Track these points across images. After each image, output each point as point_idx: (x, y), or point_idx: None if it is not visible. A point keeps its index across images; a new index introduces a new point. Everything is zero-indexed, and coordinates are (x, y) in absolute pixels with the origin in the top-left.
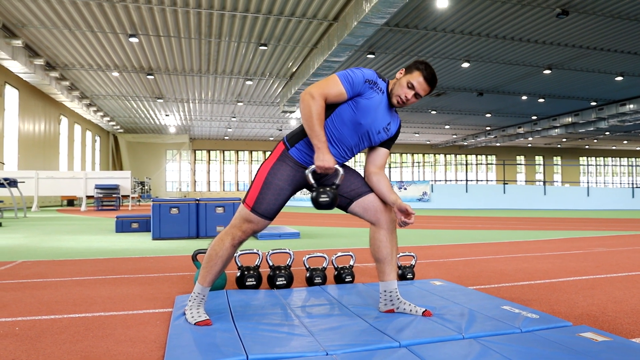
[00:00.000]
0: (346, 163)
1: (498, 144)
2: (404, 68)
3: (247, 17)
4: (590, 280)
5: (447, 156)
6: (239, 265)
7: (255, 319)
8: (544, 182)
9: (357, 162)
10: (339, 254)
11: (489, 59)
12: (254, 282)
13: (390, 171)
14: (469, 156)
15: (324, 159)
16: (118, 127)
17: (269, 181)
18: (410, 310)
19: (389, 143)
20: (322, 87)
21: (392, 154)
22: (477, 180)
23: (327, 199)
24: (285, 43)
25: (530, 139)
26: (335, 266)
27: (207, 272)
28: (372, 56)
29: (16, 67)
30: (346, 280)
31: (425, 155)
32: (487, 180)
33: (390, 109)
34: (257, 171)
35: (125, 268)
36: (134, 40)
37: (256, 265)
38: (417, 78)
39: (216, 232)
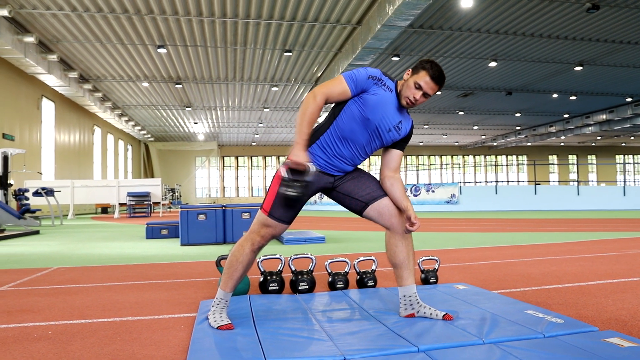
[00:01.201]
0: (360, 167)
1: (529, 144)
2: (410, 69)
3: (272, 24)
4: (622, 283)
5: (477, 157)
6: (262, 270)
7: (276, 323)
8: (578, 182)
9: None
10: (361, 258)
11: (517, 57)
12: (277, 287)
13: (418, 173)
14: (499, 157)
15: (297, 154)
16: (149, 135)
17: None
18: (431, 314)
19: (402, 144)
20: (326, 86)
21: (420, 156)
22: (508, 182)
23: (293, 193)
24: (310, 48)
25: (562, 137)
26: (358, 271)
27: (229, 278)
28: (396, 58)
29: (52, 80)
30: (368, 284)
31: (454, 156)
32: (518, 181)
33: (401, 108)
34: (274, 177)
35: (154, 274)
36: (162, 51)
37: (279, 270)
38: (424, 78)
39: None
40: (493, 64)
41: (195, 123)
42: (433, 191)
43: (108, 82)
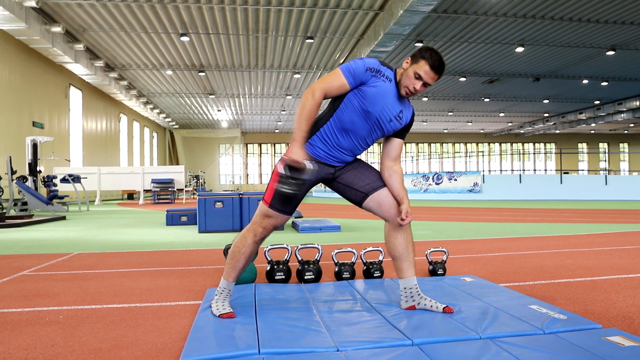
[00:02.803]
0: (359, 156)
1: (557, 131)
2: (410, 57)
3: (293, 11)
4: (637, 279)
5: (503, 145)
6: (269, 259)
7: (276, 313)
8: (607, 172)
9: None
10: (369, 248)
11: (545, 42)
12: (283, 277)
13: (442, 161)
14: (526, 145)
15: (296, 152)
16: (173, 123)
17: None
18: (431, 306)
19: (402, 133)
20: (324, 81)
21: (444, 144)
22: (535, 170)
23: (288, 190)
24: (332, 35)
25: (593, 125)
26: (364, 261)
27: (232, 268)
28: (420, 44)
29: (79, 69)
30: (375, 275)
31: (479, 144)
32: (546, 170)
33: (401, 97)
34: (275, 167)
35: (168, 260)
36: (185, 39)
37: (285, 259)
38: (423, 67)
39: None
40: (520, 49)
41: (218, 110)
42: (455, 179)
43: (133, 71)
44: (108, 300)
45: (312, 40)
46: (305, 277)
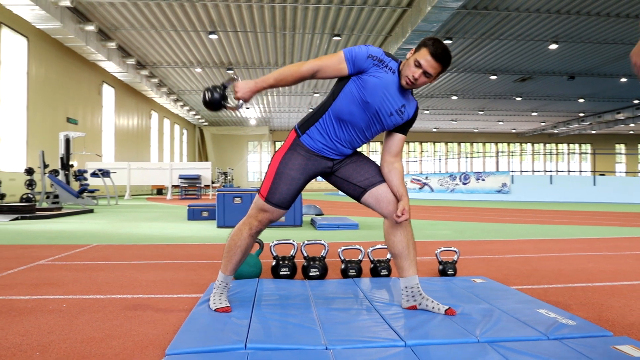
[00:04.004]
0: (359, 150)
1: (593, 132)
2: (414, 48)
3: (320, 8)
4: None
5: (535, 145)
6: (274, 255)
7: (273, 309)
8: None
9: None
10: (377, 246)
11: (581, 38)
12: (288, 272)
13: (471, 161)
14: (559, 145)
15: (244, 86)
16: (203, 120)
17: (281, 171)
18: (433, 307)
19: (404, 128)
20: (321, 59)
21: (473, 143)
22: (569, 171)
23: (207, 95)
24: (359, 32)
25: (632, 125)
26: (372, 259)
27: (228, 262)
28: (449, 42)
29: (111, 67)
30: (382, 273)
31: (511, 144)
32: (580, 171)
33: (404, 91)
34: (270, 161)
35: (181, 254)
36: (213, 37)
37: (291, 255)
38: (424, 56)
39: (278, 222)
40: (554, 46)
41: (247, 108)
42: (483, 180)
43: (163, 68)
44: (113, 290)
45: (339, 38)
46: (311, 274)
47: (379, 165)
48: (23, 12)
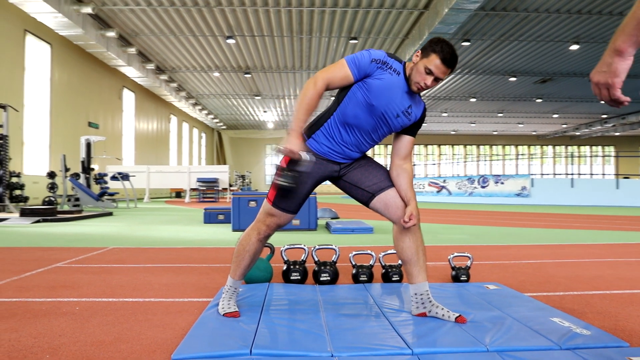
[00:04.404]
0: (368, 154)
1: (617, 134)
2: (420, 50)
3: (336, 11)
4: None
5: (557, 148)
6: (285, 259)
7: (282, 314)
8: None
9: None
10: (389, 251)
11: (602, 38)
12: (299, 277)
13: (491, 164)
14: (582, 147)
15: (293, 142)
16: (221, 124)
17: None
18: (443, 315)
19: (413, 130)
20: (328, 71)
21: (493, 146)
22: (592, 174)
23: (284, 183)
24: (376, 35)
25: None
26: (383, 264)
27: (237, 266)
28: (467, 44)
29: (132, 72)
30: (393, 279)
31: (531, 146)
32: (604, 174)
33: (411, 92)
34: (279, 165)
35: (195, 257)
36: (231, 41)
37: (302, 260)
38: (434, 61)
39: (292, 225)
40: (574, 47)
41: (264, 111)
42: (502, 183)
43: (182, 73)
44: (125, 294)
45: (355, 41)
46: (321, 279)
47: (388, 169)
48: (46, 20)
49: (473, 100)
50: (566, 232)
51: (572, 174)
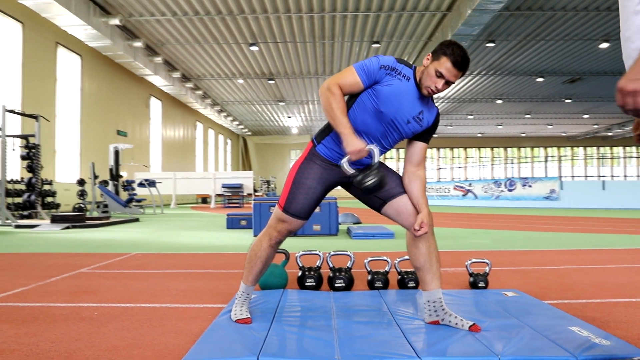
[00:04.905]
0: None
1: None
2: (430, 53)
3: (358, 16)
4: None
5: (588, 149)
6: (300, 265)
7: (294, 320)
8: None
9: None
10: (405, 257)
11: None
12: (314, 283)
13: (519, 166)
14: (614, 148)
15: (352, 143)
16: (246, 130)
17: (298, 181)
18: (456, 323)
19: (425, 136)
20: (337, 78)
21: (521, 148)
22: (625, 177)
23: (374, 180)
24: (398, 39)
25: None
26: (399, 270)
27: (249, 272)
28: (492, 44)
29: (158, 80)
30: (409, 285)
31: (561, 148)
32: (638, 176)
33: (423, 97)
34: (289, 171)
35: (214, 263)
36: (254, 48)
37: (317, 266)
38: (444, 64)
39: (312, 230)
40: (604, 45)
41: (288, 117)
42: (530, 186)
43: (207, 81)
44: (143, 299)
45: (378, 45)
46: (336, 285)
47: (401, 175)
48: (77, 32)
49: (499, 101)
50: (595, 236)
51: (604, 176)
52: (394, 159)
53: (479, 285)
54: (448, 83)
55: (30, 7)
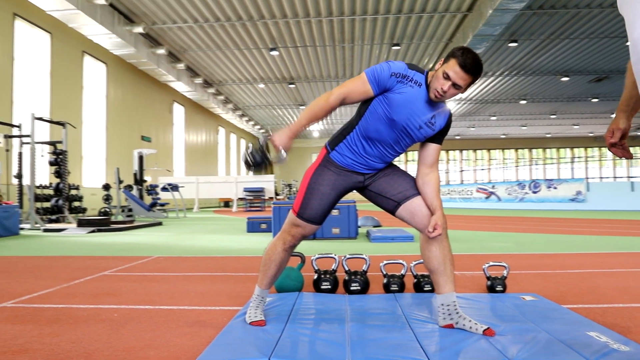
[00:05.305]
0: (394, 162)
1: None
2: (443, 58)
3: (378, 18)
4: None
5: None
6: (316, 268)
7: (307, 323)
8: None
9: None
10: (421, 260)
11: None
12: (329, 286)
13: (545, 168)
14: None
15: (281, 136)
16: (268, 134)
17: (312, 187)
18: (470, 327)
19: (438, 137)
20: (346, 85)
21: (547, 149)
22: None
23: (247, 157)
24: (419, 40)
25: None
26: (415, 274)
27: (264, 276)
28: (514, 44)
29: (181, 87)
30: (425, 289)
31: (588, 149)
32: None
33: (433, 102)
34: (303, 177)
35: (233, 266)
36: (274, 53)
37: (332, 269)
38: (453, 67)
39: (332, 234)
40: None
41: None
42: (555, 188)
43: (229, 86)
44: (162, 301)
45: (398, 47)
46: (352, 288)
47: (415, 176)
48: (102, 41)
49: (523, 102)
50: (621, 239)
51: (634, 177)
52: (401, 161)
53: (497, 289)
54: (456, 87)
55: (58, 17)
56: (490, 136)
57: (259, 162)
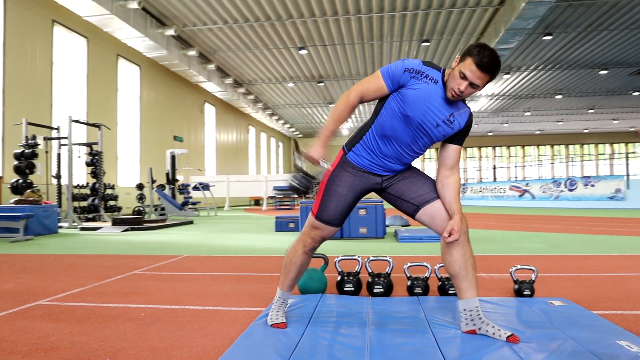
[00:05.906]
0: (414, 164)
1: None
2: (459, 55)
3: (406, 15)
4: None
5: None
6: (339, 270)
7: (328, 326)
8: None
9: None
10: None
11: None
12: (352, 288)
13: (582, 165)
14: None
15: (315, 149)
16: (297, 132)
17: (329, 188)
18: (493, 333)
19: (458, 138)
20: (362, 84)
21: (584, 145)
22: None
23: (294, 183)
24: (449, 36)
25: None
26: (439, 276)
27: (285, 278)
28: (549, 37)
29: (212, 87)
30: (449, 292)
31: (629, 144)
32: None
33: (453, 100)
34: (321, 178)
35: (259, 266)
36: (303, 52)
37: (356, 271)
38: (469, 66)
39: (359, 233)
40: None
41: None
42: (592, 185)
43: (258, 85)
44: (188, 301)
45: (428, 43)
46: (375, 290)
47: (435, 179)
48: (135, 44)
49: (559, 97)
50: None
51: None
52: (417, 160)
53: (524, 293)
54: (473, 86)
55: (93, 22)
56: (525, 132)
57: (307, 184)
